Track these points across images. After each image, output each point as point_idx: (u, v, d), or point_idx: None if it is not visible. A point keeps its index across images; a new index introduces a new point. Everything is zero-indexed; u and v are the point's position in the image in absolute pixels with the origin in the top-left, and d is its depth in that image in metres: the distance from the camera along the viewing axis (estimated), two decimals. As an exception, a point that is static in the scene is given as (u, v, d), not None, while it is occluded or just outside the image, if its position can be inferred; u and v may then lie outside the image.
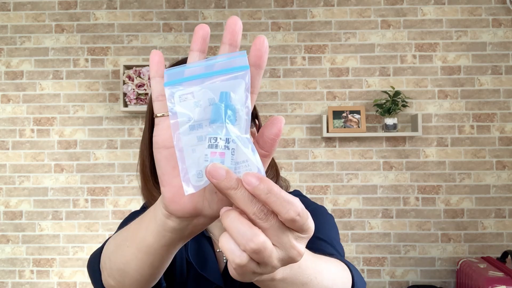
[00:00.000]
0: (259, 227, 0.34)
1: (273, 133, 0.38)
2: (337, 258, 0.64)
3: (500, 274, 2.21)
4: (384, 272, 2.70)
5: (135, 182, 2.75)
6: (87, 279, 2.73)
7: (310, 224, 0.35)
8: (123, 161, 2.75)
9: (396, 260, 2.70)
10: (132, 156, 2.76)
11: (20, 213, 2.76)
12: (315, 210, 0.84)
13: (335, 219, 2.65)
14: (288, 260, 0.36)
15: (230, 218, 0.34)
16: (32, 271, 2.73)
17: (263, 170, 0.36)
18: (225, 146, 0.35)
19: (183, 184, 0.37)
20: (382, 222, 2.72)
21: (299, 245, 0.36)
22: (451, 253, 2.69)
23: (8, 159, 2.77)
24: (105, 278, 0.56)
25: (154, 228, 0.45)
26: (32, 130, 2.77)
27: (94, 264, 0.63)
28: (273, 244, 0.34)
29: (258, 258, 0.34)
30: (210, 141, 0.36)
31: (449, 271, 2.68)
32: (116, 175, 2.75)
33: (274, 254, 0.34)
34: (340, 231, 2.73)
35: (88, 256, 2.72)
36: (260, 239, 0.33)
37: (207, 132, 0.36)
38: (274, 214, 0.34)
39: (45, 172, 2.76)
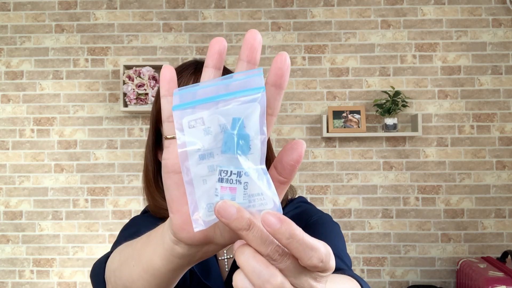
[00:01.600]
0: (279, 268, 0.32)
1: (293, 159, 0.34)
2: (347, 273, 0.63)
3: (500, 274, 2.21)
4: (384, 272, 2.70)
5: (135, 182, 2.75)
6: (87, 279, 2.73)
7: (332, 264, 0.33)
8: (123, 161, 2.75)
9: (396, 260, 2.70)
10: (132, 156, 2.76)
11: (20, 213, 2.76)
12: (321, 219, 0.83)
13: (335, 219, 2.66)
14: None
15: (245, 256, 0.31)
16: (32, 271, 2.73)
17: (279, 204, 0.33)
18: (236, 180, 0.32)
19: (192, 220, 0.35)
20: (382, 222, 2.72)
21: (319, 285, 0.33)
22: (451, 253, 2.69)
23: (8, 159, 2.77)
24: None
25: (162, 252, 0.43)
26: (32, 130, 2.77)
27: (98, 275, 0.63)
28: (292, 284, 0.32)
29: None
30: (220, 174, 0.33)
31: (449, 271, 2.68)
32: (116, 175, 2.75)
33: None
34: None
35: (88, 256, 2.73)
36: (277, 281, 0.31)
37: (219, 161, 0.33)
38: (291, 254, 0.31)
39: (45, 172, 2.76)
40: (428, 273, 2.69)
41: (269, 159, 0.81)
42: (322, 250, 0.31)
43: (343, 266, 0.72)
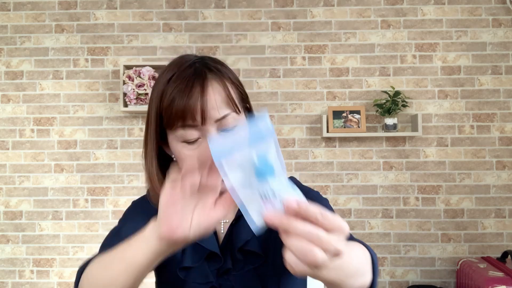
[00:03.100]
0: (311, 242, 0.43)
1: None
2: (354, 239, 0.71)
3: (500, 274, 2.21)
4: (384, 272, 2.70)
5: (135, 182, 2.75)
6: (87, 279, 2.73)
7: (343, 226, 0.45)
8: (123, 161, 2.75)
9: (396, 260, 2.70)
10: (132, 156, 2.76)
11: (20, 213, 2.76)
12: (311, 195, 0.88)
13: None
14: (335, 257, 0.45)
15: (290, 240, 0.44)
16: (32, 271, 2.73)
17: (304, 199, 0.46)
18: (273, 195, 0.47)
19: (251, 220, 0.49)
20: (382, 222, 2.72)
21: (339, 244, 0.45)
22: (451, 253, 2.69)
23: (8, 159, 2.77)
24: None
25: (146, 249, 0.53)
26: (32, 130, 2.77)
27: (75, 283, 0.69)
28: (323, 251, 0.43)
29: (315, 268, 0.44)
30: (261, 195, 0.47)
31: (449, 271, 2.68)
32: (116, 175, 2.75)
33: (327, 261, 0.44)
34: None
35: (88, 256, 2.73)
36: (318, 256, 0.43)
37: (257, 185, 0.47)
38: (321, 236, 0.43)
39: (45, 172, 2.76)
40: (428, 273, 2.69)
41: None
42: (316, 211, 0.44)
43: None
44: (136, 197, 0.95)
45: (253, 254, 0.79)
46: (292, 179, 0.94)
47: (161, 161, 0.76)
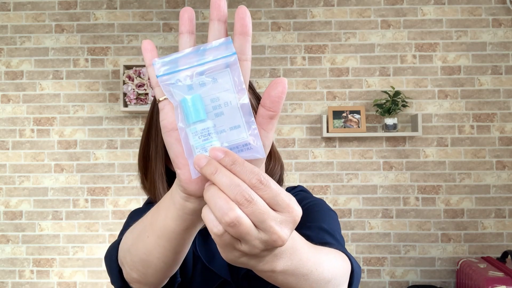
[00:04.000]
0: (243, 211, 0.35)
1: (279, 91, 0.39)
2: (337, 248, 0.65)
3: (500, 274, 2.21)
4: (384, 272, 2.70)
5: (135, 182, 2.75)
6: (87, 279, 2.73)
7: (287, 201, 0.37)
8: (123, 161, 2.75)
9: (396, 260, 2.70)
10: (132, 156, 2.76)
11: (20, 213, 2.76)
12: (314, 202, 0.84)
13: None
14: (271, 243, 0.37)
15: (210, 192, 0.36)
16: (32, 271, 2.73)
17: (259, 144, 0.39)
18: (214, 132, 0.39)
19: (190, 168, 0.39)
20: (382, 222, 2.72)
21: (283, 230, 0.37)
22: (451, 253, 2.69)
23: (8, 159, 2.77)
24: (127, 272, 0.57)
25: (174, 213, 0.46)
26: (32, 130, 2.77)
27: (111, 262, 0.63)
28: (256, 227, 0.36)
29: (234, 233, 0.35)
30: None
31: (449, 271, 2.68)
32: (116, 175, 2.75)
33: (253, 232, 0.36)
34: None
35: (88, 256, 2.73)
36: (234, 214, 0.34)
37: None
38: (254, 200, 0.35)
39: (45, 172, 2.76)
40: (428, 273, 2.69)
41: (272, 151, 0.84)
42: (260, 173, 0.36)
43: (332, 241, 0.72)
44: (136, 197, 0.94)
45: (258, 280, 0.74)
46: (300, 187, 0.91)
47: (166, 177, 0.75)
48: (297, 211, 0.37)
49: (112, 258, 0.62)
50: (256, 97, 0.77)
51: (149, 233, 0.50)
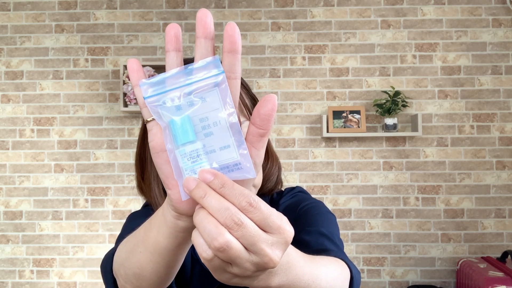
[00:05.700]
0: (232, 235, 0.35)
1: (269, 109, 0.38)
2: (336, 255, 0.64)
3: (500, 274, 2.21)
4: (384, 272, 2.70)
5: (135, 182, 2.75)
6: (87, 279, 2.73)
7: (278, 222, 0.36)
8: (123, 161, 2.75)
9: (396, 260, 2.70)
10: (132, 156, 2.76)
11: (20, 213, 2.76)
12: (312, 205, 0.83)
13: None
14: (263, 265, 0.37)
15: (200, 216, 0.36)
16: (32, 271, 2.73)
17: (249, 164, 0.38)
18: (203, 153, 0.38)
19: (180, 190, 0.39)
20: (382, 222, 2.72)
21: (274, 252, 0.36)
22: (451, 253, 2.69)
23: (8, 159, 2.77)
24: (122, 284, 0.57)
25: (166, 230, 0.46)
26: (32, 130, 2.77)
27: (106, 272, 0.64)
28: (247, 250, 0.36)
29: (224, 257, 0.35)
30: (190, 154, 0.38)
31: (449, 271, 2.68)
32: (116, 175, 2.75)
33: (243, 256, 0.35)
34: (340, 231, 2.73)
35: (88, 256, 2.73)
36: (224, 238, 0.34)
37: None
38: (244, 223, 0.35)
39: (45, 172, 2.76)
40: (428, 273, 2.69)
41: (269, 152, 0.83)
42: (250, 195, 0.35)
43: (331, 247, 0.71)
44: (136, 197, 0.95)
45: None
46: (298, 188, 0.91)
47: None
48: (289, 232, 0.37)
49: (107, 269, 0.63)
50: (250, 97, 0.76)
51: (141, 249, 0.50)
